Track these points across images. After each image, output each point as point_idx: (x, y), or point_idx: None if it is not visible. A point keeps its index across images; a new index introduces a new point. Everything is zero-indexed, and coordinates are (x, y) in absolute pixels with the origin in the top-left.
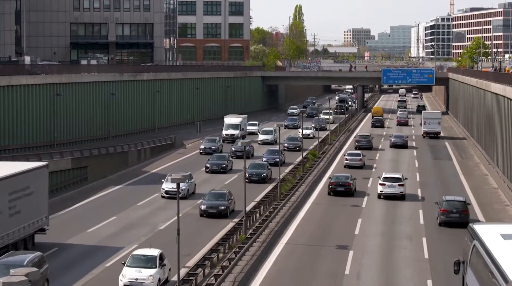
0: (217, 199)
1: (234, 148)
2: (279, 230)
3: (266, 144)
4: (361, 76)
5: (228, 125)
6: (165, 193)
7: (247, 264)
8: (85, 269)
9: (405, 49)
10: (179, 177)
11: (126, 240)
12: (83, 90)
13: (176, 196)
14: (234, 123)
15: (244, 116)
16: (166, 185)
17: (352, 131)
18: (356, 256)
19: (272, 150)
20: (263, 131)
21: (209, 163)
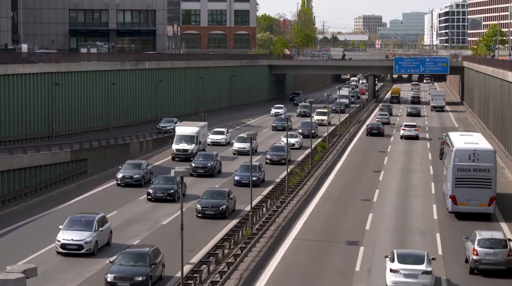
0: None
1: (195, 163)
2: (287, 225)
3: (243, 154)
4: (372, 65)
5: (180, 137)
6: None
7: (253, 261)
8: (86, 265)
9: (418, 37)
10: (182, 170)
11: (128, 235)
12: (83, 79)
13: None
14: (188, 134)
15: (203, 125)
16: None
17: (363, 122)
18: (367, 252)
19: (248, 165)
20: (239, 138)
21: (152, 187)
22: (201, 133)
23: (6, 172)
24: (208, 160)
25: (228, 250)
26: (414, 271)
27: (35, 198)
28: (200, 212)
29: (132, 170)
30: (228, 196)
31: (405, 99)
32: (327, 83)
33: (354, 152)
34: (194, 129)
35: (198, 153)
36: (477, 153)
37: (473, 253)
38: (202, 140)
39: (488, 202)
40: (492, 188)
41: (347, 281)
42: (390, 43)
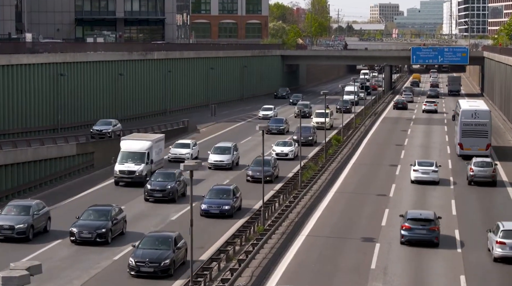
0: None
1: (151, 185)
2: (300, 221)
3: (221, 169)
4: (388, 56)
5: (126, 155)
6: None
7: (265, 258)
8: (92, 261)
9: (437, 26)
10: (192, 164)
11: (135, 232)
12: (89, 70)
13: None
14: (137, 151)
15: (158, 138)
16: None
17: (379, 115)
18: (383, 249)
19: (220, 189)
20: (216, 149)
21: (75, 226)
22: (154, 149)
23: (10, 166)
24: (169, 181)
25: (239, 246)
26: (427, 170)
27: (40, 193)
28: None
29: None
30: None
31: (422, 91)
32: (342, 74)
33: (370, 145)
34: (144, 145)
35: (157, 172)
36: (477, 112)
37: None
38: (156, 158)
39: (485, 147)
40: (488, 137)
41: (362, 279)
42: (407, 32)
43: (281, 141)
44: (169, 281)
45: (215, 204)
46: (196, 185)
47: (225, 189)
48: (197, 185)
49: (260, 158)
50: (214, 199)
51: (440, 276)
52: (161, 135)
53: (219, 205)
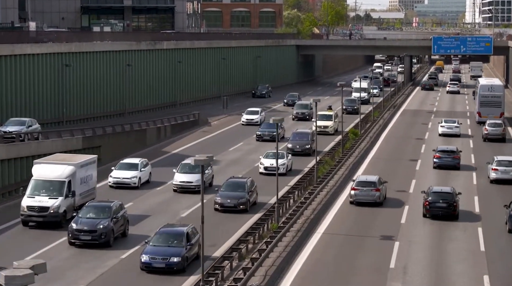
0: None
1: (78, 224)
2: (316, 218)
3: (188, 192)
4: (408, 45)
5: (38, 185)
6: None
7: (279, 256)
8: (99, 260)
9: (459, 14)
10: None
11: (144, 229)
12: (96, 60)
13: None
14: (54, 179)
15: (86, 160)
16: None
17: (399, 107)
18: (402, 247)
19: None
20: (184, 166)
21: None
22: (79, 176)
23: (13, 160)
24: (102, 217)
25: (252, 244)
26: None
27: None
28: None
29: None
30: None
31: (444, 83)
32: (360, 64)
33: (388, 139)
34: (63, 171)
35: (88, 205)
36: (493, 87)
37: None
38: (83, 188)
39: (499, 115)
40: (501, 107)
41: (381, 279)
42: (428, 21)
43: (271, 153)
44: (181, 277)
45: None
46: (138, 223)
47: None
48: (139, 223)
49: (233, 179)
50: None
51: (463, 276)
52: (91, 157)
53: None
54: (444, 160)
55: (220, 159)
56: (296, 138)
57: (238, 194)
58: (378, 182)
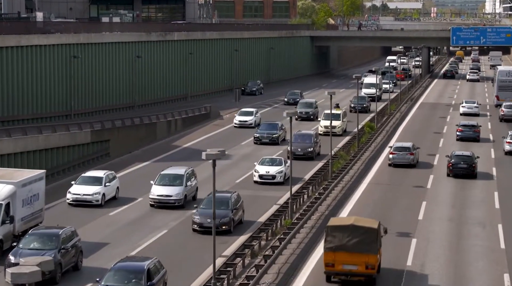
0: None
1: (16, 256)
2: (330, 214)
3: (167, 207)
4: (426, 36)
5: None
6: None
7: (293, 253)
8: (105, 259)
9: (479, 4)
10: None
11: (153, 225)
12: (104, 52)
13: None
14: None
15: (29, 177)
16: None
17: (416, 100)
18: (419, 245)
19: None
20: (163, 178)
21: None
22: (19, 197)
23: (19, 154)
24: (48, 248)
25: (265, 241)
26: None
27: (52, 183)
28: None
29: None
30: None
31: (463, 75)
32: (376, 56)
33: (406, 133)
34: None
35: (31, 232)
36: (510, 72)
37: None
38: (24, 213)
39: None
40: None
41: (398, 277)
42: (447, 11)
43: (267, 159)
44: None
45: None
46: (96, 252)
47: None
48: (97, 252)
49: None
50: None
51: (483, 274)
52: (38, 173)
53: None
54: (466, 133)
55: (232, 153)
56: (298, 140)
57: (220, 212)
58: (412, 147)
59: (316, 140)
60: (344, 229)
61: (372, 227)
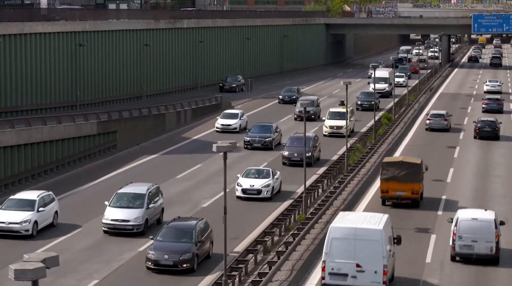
0: None
1: None
2: (346, 208)
3: (123, 233)
4: (446, 24)
5: None
6: None
7: (307, 250)
8: (114, 253)
9: None
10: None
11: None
12: (111, 40)
13: None
14: None
15: None
16: None
17: (436, 90)
18: (439, 241)
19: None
20: (120, 198)
21: None
22: None
23: (23, 146)
24: None
25: (278, 237)
26: (495, 84)
27: (57, 176)
28: None
29: None
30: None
31: (484, 64)
32: (394, 44)
33: (424, 125)
34: None
35: None
36: None
37: None
38: None
39: None
40: None
41: (417, 274)
42: None
43: (252, 170)
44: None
45: None
46: None
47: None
48: None
49: (177, 223)
50: None
51: (503, 272)
52: None
53: None
54: (491, 105)
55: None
56: (294, 143)
57: (180, 246)
58: (446, 114)
59: (315, 144)
60: (395, 164)
61: (417, 163)
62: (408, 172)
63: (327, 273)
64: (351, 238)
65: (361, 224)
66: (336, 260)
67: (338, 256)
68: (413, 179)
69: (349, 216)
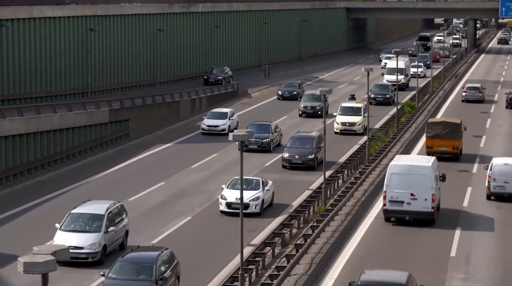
0: None
1: None
2: (367, 200)
3: (76, 263)
4: (472, 8)
5: None
6: None
7: (327, 242)
8: (125, 248)
9: None
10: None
11: (177, 211)
12: (123, 25)
13: None
14: None
15: None
16: None
17: (461, 77)
18: (464, 234)
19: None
20: (73, 220)
21: None
22: None
23: (32, 135)
24: None
25: (296, 229)
26: None
27: (67, 166)
28: None
29: None
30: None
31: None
32: (417, 29)
33: (450, 113)
34: None
35: None
36: None
37: None
38: None
39: None
40: None
41: (441, 269)
42: None
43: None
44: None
45: None
46: None
47: None
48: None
49: (133, 254)
50: None
51: None
52: None
53: None
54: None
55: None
56: (296, 144)
57: None
58: (481, 87)
59: (319, 145)
60: (439, 124)
61: (457, 122)
62: (449, 131)
63: (387, 200)
64: (407, 173)
65: (414, 162)
66: (395, 190)
67: (396, 187)
68: (454, 137)
69: (404, 157)
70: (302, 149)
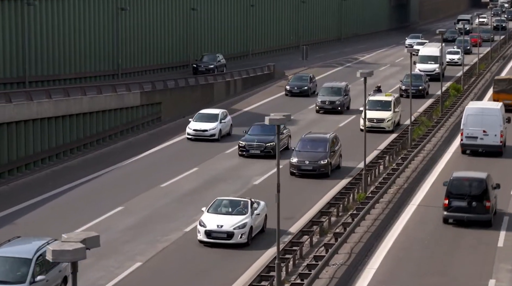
0: None
1: None
2: (410, 187)
3: None
4: None
5: None
6: None
7: (367, 231)
8: (160, 233)
9: None
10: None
11: (211, 198)
12: (155, 4)
13: None
14: None
15: None
16: None
17: (510, 58)
18: None
19: None
20: None
21: None
22: None
23: (61, 118)
24: None
25: (335, 217)
26: None
27: (96, 151)
28: None
29: None
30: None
31: None
32: (463, 8)
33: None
34: None
35: None
36: None
37: None
38: None
39: None
40: None
41: (488, 259)
42: None
43: (224, 201)
44: (258, 250)
45: None
46: None
47: None
48: None
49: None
50: None
51: None
52: None
53: None
54: None
55: (298, 118)
56: (307, 147)
57: None
58: None
59: (333, 149)
60: (504, 81)
61: None
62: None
63: (464, 136)
64: (479, 114)
65: (486, 105)
66: (470, 128)
67: (471, 125)
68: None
69: (477, 102)
70: (313, 153)
